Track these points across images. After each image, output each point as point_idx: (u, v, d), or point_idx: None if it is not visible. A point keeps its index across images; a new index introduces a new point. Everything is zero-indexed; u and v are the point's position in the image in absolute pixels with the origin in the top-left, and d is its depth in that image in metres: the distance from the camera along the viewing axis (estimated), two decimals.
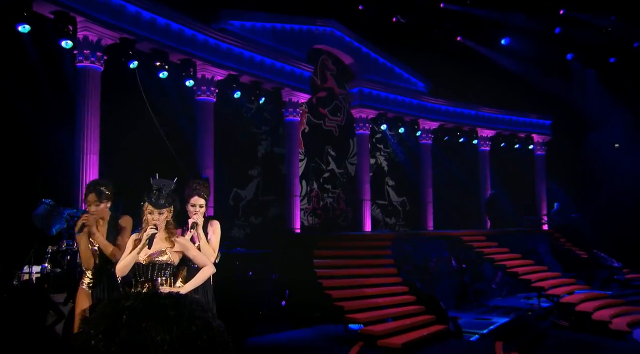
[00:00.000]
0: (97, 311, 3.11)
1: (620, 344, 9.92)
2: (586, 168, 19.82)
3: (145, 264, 3.54)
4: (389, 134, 18.37)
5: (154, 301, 3.11)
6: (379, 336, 7.93)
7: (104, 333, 3.01)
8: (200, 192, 4.26)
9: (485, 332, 10.00)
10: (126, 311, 3.12)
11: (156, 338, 2.81)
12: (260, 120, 14.64)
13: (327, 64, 16.62)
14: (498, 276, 14.32)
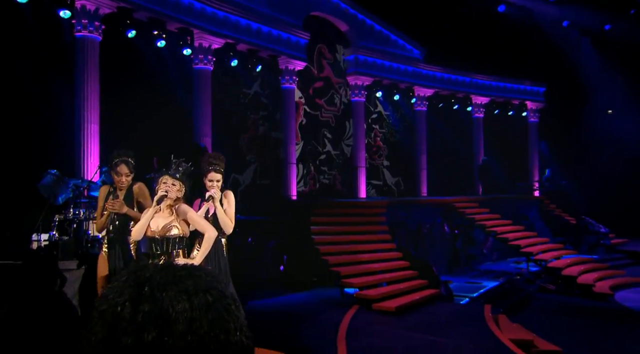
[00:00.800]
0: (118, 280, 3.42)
1: (602, 305, 10.42)
2: (578, 135, 20.10)
3: (159, 238, 3.80)
4: (384, 102, 18.52)
5: (171, 272, 3.43)
6: (374, 300, 8.32)
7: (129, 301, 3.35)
8: (217, 167, 4.47)
9: (475, 295, 10.45)
10: (147, 282, 3.45)
11: (177, 306, 3.14)
12: (257, 104, 14.81)
13: (324, 52, 16.69)
14: (489, 241, 14.78)
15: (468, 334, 7.08)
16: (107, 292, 3.22)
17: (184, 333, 3.02)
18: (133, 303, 3.27)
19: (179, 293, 3.14)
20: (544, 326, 8.34)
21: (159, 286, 3.19)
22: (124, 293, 3.21)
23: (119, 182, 4.48)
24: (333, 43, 16.94)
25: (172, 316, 3.02)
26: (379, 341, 6.77)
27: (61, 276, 6.86)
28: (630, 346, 7.61)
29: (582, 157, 19.82)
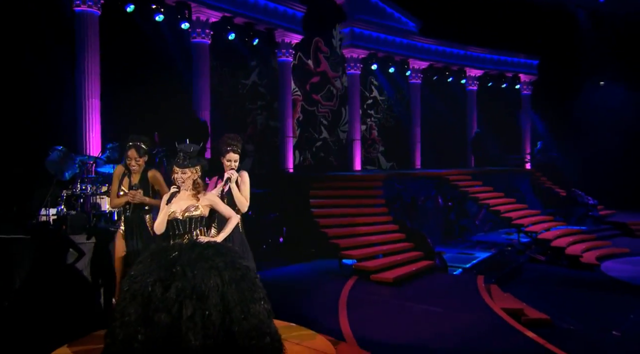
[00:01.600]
0: (144, 261, 3.70)
1: (588, 275, 10.87)
2: (570, 108, 20.36)
3: (182, 219, 4.04)
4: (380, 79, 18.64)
5: (198, 251, 3.73)
6: (372, 271, 8.65)
7: (159, 281, 3.65)
8: (235, 148, 4.68)
9: (468, 266, 10.85)
10: (177, 261, 3.76)
11: (209, 282, 3.45)
12: (255, 95, 14.96)
13: (320, 46, 16.83)
14: (481, 213, 15.15)
15: (462, 304, 7.44)
16: (135, 273, 3.56)
17: (216, 305, 3.40)
18: (164, 282, 3.66)
19: (209, 269, 3.52)
20: (533, 296, 8.72)
21: (190, 264, 3.57)
22: (153, 273, 3.59)
23: (130, 166, 4.68)
24: (329, 28, 17.01)
25: (206, 292, 3.40)
26: (379, 311, 7.11)
27: (77, 248, 7.07)
28: (613, 314, 8.02)
29: (573, 129, 20.12)
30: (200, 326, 3.48)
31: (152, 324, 3.55)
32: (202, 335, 3.47)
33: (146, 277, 3.65)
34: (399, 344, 5.76)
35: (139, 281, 3.62)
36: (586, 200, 16.04)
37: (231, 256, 3.82)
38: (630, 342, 6.81)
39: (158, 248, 3.87)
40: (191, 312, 3.48)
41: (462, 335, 6.13)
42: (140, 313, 3.55)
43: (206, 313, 3.50)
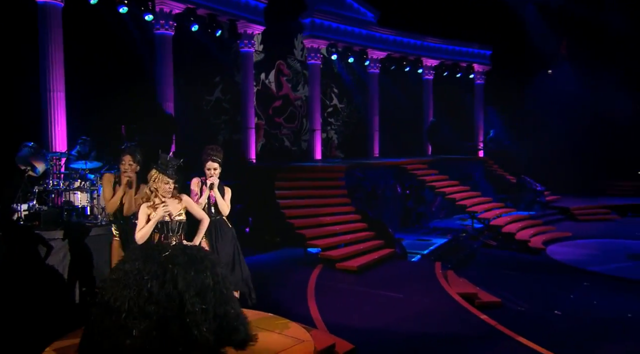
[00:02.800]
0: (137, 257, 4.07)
1: (536, 259, 11.67)
2: (522, 97, 21.29)
3: (170, 221, 4.36)
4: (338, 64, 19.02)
5: (189, 254, 4.17)
6: (337, 260, 9.14)
7: (155, 278, 4.09)
8: (215, 157, 5.04)
9: (426, 252, 11.48)
10: (170, 261, 4.20)
11: (205, 281, 3.94)
12: (219, 110, 15.19)
13: (282, 68, 17.33)
14: (437, 200, 15.86)
15: (422, 290, 8.00)
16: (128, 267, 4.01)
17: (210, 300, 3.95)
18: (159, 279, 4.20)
19: (204, 270, 4.09)
20: (486, 279, 9.37)
21: (185, 266, 4.11)
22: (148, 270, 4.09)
23: (123, 171, 4.91)
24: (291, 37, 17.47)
25: (203, 290, 3.95)
26: (345, 298, 7.59)
27: (47, 244, 7.22)
28: (557, 294, 8.76)
29: (523, 118, 21.09)
30: (201, 320, 3.91)
31: (149, 317, 3.92)
32: (205, 327, 3.91)
33: (142, 273, 4.02)
34: (365, 328, 6.24)
35: (133, 275, 3.99)
36: (534, 186, 16.96)
37: (212, 258, 4.31)
38: (570, 319, 7.51)
39: (149, 246, 4.23)
40: (191, 308, 3.90)
41: (423, 319, 6.67)
42: (133, 304, 3.91)
43: (203, 307, 3.95)
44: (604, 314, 7.78)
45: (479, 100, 22.40)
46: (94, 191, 8.16)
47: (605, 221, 16.16)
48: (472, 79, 22.26)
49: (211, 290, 4.04)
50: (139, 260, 4.12)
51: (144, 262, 4.09)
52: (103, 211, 8.05)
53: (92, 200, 8.17)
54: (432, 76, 21.18)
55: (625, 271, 10.38)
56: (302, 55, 17.76)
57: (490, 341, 5.98)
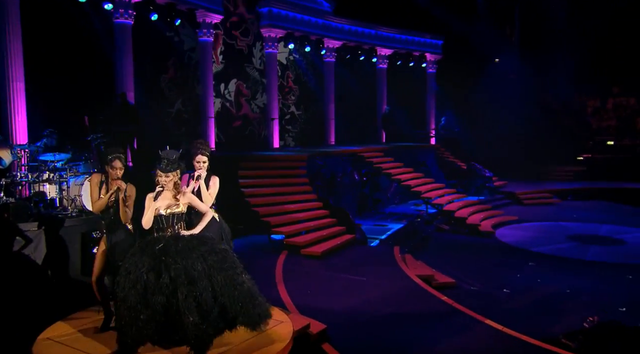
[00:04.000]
0: (136, 253, 4.45)
1: (486, 241, 12.44)
2: (471, 86, 22.16)
3: (166, 215, 4.64)
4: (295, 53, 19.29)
5: (184, 242, 4.53)
6: (302, 246, 9.54)
7: (152, 269, 4.47)
8: (203, 151, 5.32)
9: (384, 237, 12.04)
10: (163, 252, 4.58)
11: (197, 267, 4.30)
12: (178, 121, 15.30)
13: (242, 89, 17.63)
14: (392, 186, 16.46)
15: (383, 273, 8.51)
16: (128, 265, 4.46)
17: (206, 286, 4.41)
18: (155, 270, 4.66)
19: (196, 258, 4.52)
20: (441, 262, 10.02)
21: (178, 254, 4.55)
22: (145, 263, 4.56)
23: (114, 174, 5.12)
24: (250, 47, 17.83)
25: (195, 276, 4.41)
26: (312, 282, 8.02)
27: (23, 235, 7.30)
28: (505, 274, 9.48)
29: (473, 106, 21.97)
30: (194, 306, 4.25)
31: (151, 306, 4.26)
32: (199, 312, 4.24)
33: (139, 268, 4.34)
34: (334, 310, 6.69)
35: (133, 272, 4.30)
36: (483, 172, 17.83)
37: (210, 243, 4.63)
38: (518, 296, 8.23)
39: (145, 241, 4.54)
40: (185, 295, 4.23)
41: (386, 300, 7.18)
42: (140, 297, 4.24)
43: (197, 294, 4.28)
44: (547, 291, 8.54)
45: (431, 88, 23.11)
46: (63, 182, 8.25)
47: (547, 205, 17.22)
48: (425, 68, 22.94)
49: (204, 277, 4.36)
50: (137, 254, 4.43)
51: (141, 255, 4.40)
52: (72, 202, 8.19)
53: (61, 192, 8.27)
54: (386, 65, 21.71)
55: (565, 251, 11.27)
56: (261, 63, 18.03)
57: (449, 318, 6.54)
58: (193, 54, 15.60)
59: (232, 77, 17.26)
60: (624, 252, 11.23)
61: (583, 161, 21.82)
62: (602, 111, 24.36)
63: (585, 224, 13.84)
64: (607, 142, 22.63)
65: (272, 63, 17.89)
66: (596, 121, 24.14)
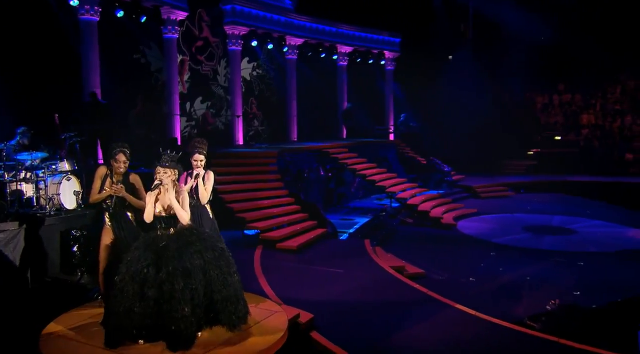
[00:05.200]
0: (140, 248, 4.74)
1: (449, 234, 13.06)
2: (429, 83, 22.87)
3: (166, 216, 4.86)
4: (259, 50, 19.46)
5: (184, 238, 4.85)
6: (277, 240, 9.85)
7: (152, 265, 4.77)
8: (201, 150, 5.54)
9: (352, 231, 12.47)
10: (166, 249, 4.90)
11: (194, 263, 4.65)
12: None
13: (208, 117, 17.69)
14: (356, 182, 16.94)
15: (358, 265, 8.92)
16: (131, 258, 4.82)
17: (201, 280, 4.82)
18: (156, 265, 5.07)
19: (194, 253, 4.92)
20: (408, 254, 10.50)
21: (178, 250, 4.95)
22: (147, 258, 4.95)
23: (118, 168, 5.30)
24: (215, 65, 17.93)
25: (192, 271, 4.81)
26: (291, 275, 8.34)
27: None
28: (470, 264, 10.07)
29: (431, 103, 22.70)
30: (189, 298, 4.51)
31: (145, 299, 4.51)
32: (192, 305, 4.51)
33: (142, 262, 4.57)
34: (316, 301, 7.02)
35: (134, 264, 4.54)
36: (442, 167, 18.54)
37: (210, 240, 4.90)
38: (483, 284, 8.81)
39: (150, 238, 4.77)
40: (182, 287, 4.49)
41: (365, 290, 7.59)
42: (137, 290, 4.48)
43: (193, 287, 4.56)
44: (509, 279, 9.16)
45: (390, 85, 23.71)
46: (40, 181, 8.26)
47: (503, 198, 18.08)
48: (384, 65, 23.51)
49: (200, 272, 4.64)
50: (140, 249, 4.66)
51: (145, 250, 4.64)
52: (50, 201, 8.21)
53: (38, 191, 8.27)
54: (347, 63, 22.13)
55: (522, 242, 12.01)
56: (226, 81, 18.16)
57: (424, 304, 7.00)
58: (160, 75, 15.62)
59: (197, 96, 17.37)
60: (575, 242, 12.05)
61: (533, 155, 22.89)
62: (550, 107, 25.56)
63: (539, 216, 14.69)
64: (555, 138, 23.78)
65: (236, 61, 18.00)
66: (545, 117, 25.28)
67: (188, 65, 16.92)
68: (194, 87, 17.17)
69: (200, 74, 17.46)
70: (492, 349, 5.73)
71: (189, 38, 16.73)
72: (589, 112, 24.24)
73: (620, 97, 24.28)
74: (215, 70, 18.05)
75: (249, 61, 19.33)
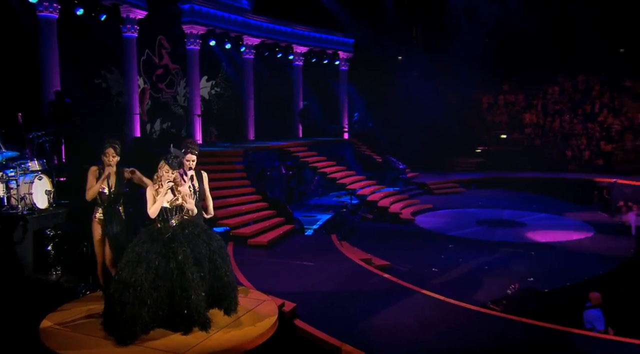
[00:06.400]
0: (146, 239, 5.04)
1: (408, 228, 13.66)
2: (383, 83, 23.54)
3: (170, 207, 5.11)
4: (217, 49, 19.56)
5: (188, 230, 5.18)
6: (248, 236, 10.12)
7: (161, 255, 5.10)
8: (193, 150, 5.75)
9: (316, 226, 12.87)
10: (173, 239, 5.24)
11: (202, 251, 5.04)
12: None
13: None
14: (315, 179, 17.35)
15: (328, 258, 9.32)
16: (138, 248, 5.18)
17: (208, 268, 5.28)
18: (165, 256, 5.52)
19: (202, 242, 5.38)
20: (372, 248, 10.96)
21: (186, 238, 5.39)
22: (156, 251, 5.36)
23: (107, 162, 5.48)
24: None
25: (201, 259, 5.28)
26: (266, 269, 8.65)
27: None
28: (431, 256, 10.67)
29: (384, 102, 23.38)
30: (198, 285, 4.81)
31: (158, 289, 4.77)
32: (202, 291, 4.82)
33: (151, 254, 4.82)
34: (293, 291, 7.36)
35: (145, 258, 4.78)
36: (397, 165, 19.20)
37: (209, 231, 5.22)
38: (445, 274, 9.41)
39: (153, 231, 5.01)
40: (193, 274, 4.79)
41: (338, 281, 8.00)
42: (150, 282, 4.73)
43: (201, 274, 4.86)
44: (468, 268, 9.80)
45: (343, 85, 24.20)
46: (11, 181, 8.22)
47: (455, 194, 18.93)
48: (338, 65, 24.01)
49: (207, 260, 4.99)
50: (147, 242, 4.90)
51: (151, 243, 4.89)
52: (22, 200, 8.20)
53: (9, 190, 8.23)
54: (302, 62, 22.49)
55: (477, 234, 12.76)
56: (185, 100, 18.28)
57: (396, 292, 7.48)
58: (121, 98, 15.58)
59: (157, 117, 17.42)
60: (524, 233, 12.89)
61: (481, 152, 23.96)
62: (495, 106, 26.76)
63: (490, 210, 15.55)
64: (501, 136, 24.96)
65: (194, 60, 18.04)
66: (490, 116, 26.44)
67: (149, 94, 17.05)
68: (154, 109, 17.24)
69: (161, 101, 17.63)
70: (460, 328, 6.26)
71: (149, 66, 16.91)
72: (530, 112, 25.56)
73: (559, 97, 25.73)
74: (175, 96, 18.28)
75: (208, 79, 19.45)
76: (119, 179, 5.61)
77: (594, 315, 7.74)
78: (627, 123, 22.98)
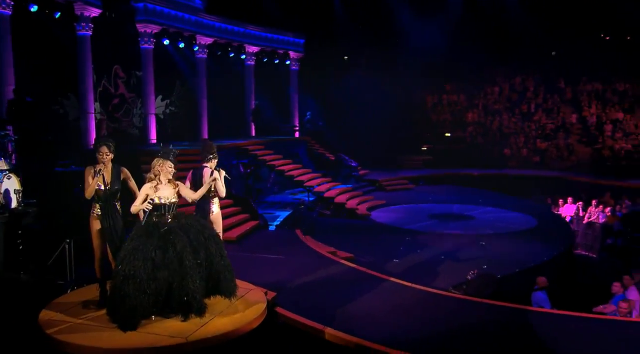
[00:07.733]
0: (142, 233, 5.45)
1: (365, 223, 14.25)
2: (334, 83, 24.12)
3: (166, 204, 5.40)
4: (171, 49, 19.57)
5: (183, 221, 5.66)
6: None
7: (159, 248, 5.56)
8: (216, 155, 6.32)
9: (277, 223, 13.25)
10: (171, 231, 5.70)
11: (199, 240, 5.54)
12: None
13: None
14: (272, 177, 17.70)
15: (296, 251, 9.74)
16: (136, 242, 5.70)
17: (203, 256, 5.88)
18: (162, 248, 6.13)
19: (197, 232, 6.00)
20: (334, 242, 11.41)
21: (183, 230, 5.99)
22: (153, 244, 5.93)
23: (100, 159, 5.69)
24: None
25: (197, 247, 5.89)
26: (238, 262, 8.81)
27: None
28: (391, 248, 11.25)
29: (336, 102, 23.97)
30: (197, 271, 5.16)
31: (157, 280, 5.07)
32: (199, 279, 5.16)
33: (148, 247, 5.11)
34: (269, 283, 7.71)
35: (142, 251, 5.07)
36: (350, 163, 19.80)
37: (202, 223, 5.57)
38: (406, 264, 9.99)
39: (149, 225, 5.29)
40: (191, 263, 5.13)
41: (311, 272, 8.44)
42: (149, 273, 5.02)
43: (199, 262, 5.21)
44: (426, 258, 10.45)
45: (294, 84, 24.59)
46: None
47: (405, 190, 19.72)
48: (289, 65, 24.40)
49: (203, 248, 5.35)
50: (143, 237, 5.18)
51: (147, 237, 5.18)
52: None
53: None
54: (254, 62, 22.73)
55: (430, 228, 13.50)
56: (140, 121, 18.45)
57: (366, 280, 8.01)
58: (78, 123, 15.47)
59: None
60: (474, 226, 13.76)
61: (427, 150, 24.97)
62: (439, 106, 27.92)
63: (440, 205, 16.39)
64: (446, 135, 26.09)
65: (149, 59, 18.00)
66: (435, 115, 27.57)
67: (105, 124, 16.99)
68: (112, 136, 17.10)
69: (118, 130, 17.63)
70: (429, 310, 6.84)
71: (106, 97, 16.96)
72: (473, 111, 26.85)
73: (498, 98, 27.16)
74: (131, 123, 18.32)
75: (163, 99, 19.47)
76: (115, 176, 5.84)
77: (541, 297, 8.59)
78: (560, 122, 24.59)
